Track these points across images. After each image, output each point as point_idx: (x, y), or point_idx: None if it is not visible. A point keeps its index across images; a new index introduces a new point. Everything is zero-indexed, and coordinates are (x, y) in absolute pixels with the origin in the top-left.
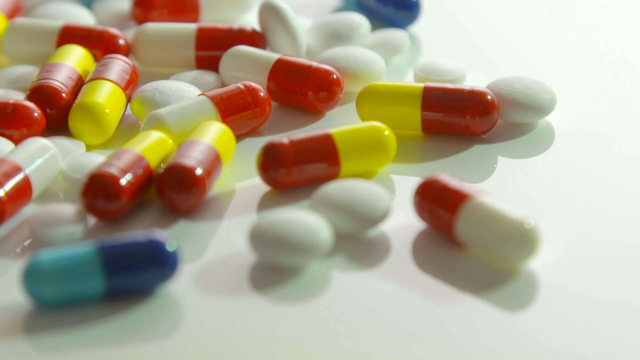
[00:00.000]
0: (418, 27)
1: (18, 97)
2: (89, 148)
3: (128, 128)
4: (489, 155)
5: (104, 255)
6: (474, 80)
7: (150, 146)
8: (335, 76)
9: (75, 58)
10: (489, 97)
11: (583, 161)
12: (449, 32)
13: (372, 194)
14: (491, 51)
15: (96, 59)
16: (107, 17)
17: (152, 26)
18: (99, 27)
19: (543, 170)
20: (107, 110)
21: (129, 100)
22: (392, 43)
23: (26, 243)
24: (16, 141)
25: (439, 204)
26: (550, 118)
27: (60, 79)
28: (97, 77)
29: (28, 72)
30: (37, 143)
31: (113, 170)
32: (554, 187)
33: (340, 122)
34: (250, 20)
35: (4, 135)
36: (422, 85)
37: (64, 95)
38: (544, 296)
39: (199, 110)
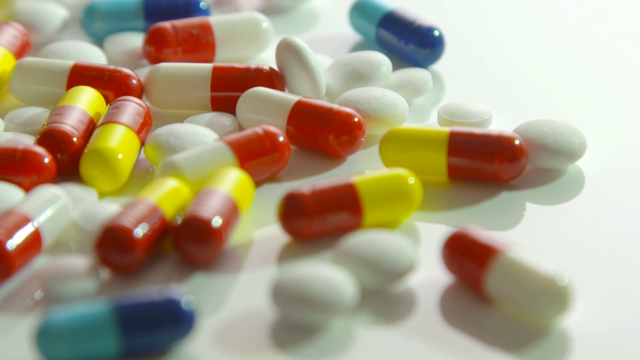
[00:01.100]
0: (440, 65)
1: (27, 141)
2: (102, 195)
3: (142, 173)
4: (517, 202)
5: (119, 315)
6: (501, 122)
7: (166, 195)
8: (356, 119)
9: (87, 100)
10: (518, 142)
11: (615, 208)
12: (472, 71)
13: (397, 248)
14: (517, 90)
15: (108, 100)
16: (118, 54)
17: (165, 66)
18: (111, 67)
19: (573, 218)
20: (120, 156)
21: (142, 144)
22: (414, 83)
23: (37, 297)
24: (26, 188)
25: (468, 258)
26: (580, 163)
27: (71, 123)
28: (110, 120)
29: (37, 114)
30: (48, 192)
31: (127, 222)
32: (586, 236)
33: (362, 167)
34: (267, 59)
35: (13, 182)
36: (447, 130)
37: (75, 139)
38: (577, 356)
39: (215, 157)
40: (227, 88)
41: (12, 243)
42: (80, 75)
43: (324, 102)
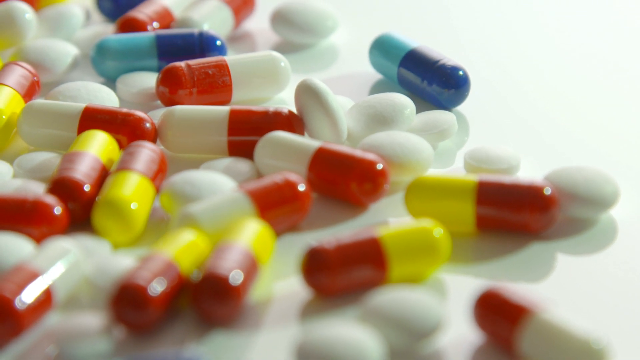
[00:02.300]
0: (465, 106)
1: (37, 189)
2: (115, 246)
3: (157, 223)
4: (548, 253)
5: None
6: (529, 168)
7: (182, 249)
8: (380, 167)
9: (99, 146)
10: (549, 191)
11: None
12: (498, 112)
13: (424, 305)
14: (545, 134)
15: (121, 145)
16: (131, 95)
17: (181, 109)
18: (124, 110)
19: (606, 270)
20: (134, 206)
21: (157, 191)
22: (439, 127)
23: (49, 357)
24: (36, 239)
25: (501, 317)
26: (612, 211)
27: (83, 170)
28: (123, 167)
29: (48, 160)
30: (59, 246)
31: (142, 280)
32: (619, 290)
33: (386, 215)
34: (286, 99)
35: (22, 233)
36: (475, 178)
37: (86, 188)
38: None
39: (234, 207)
40: (245, 132)
41: (22, 301)
42: (92, 118)
43: (346, 147)
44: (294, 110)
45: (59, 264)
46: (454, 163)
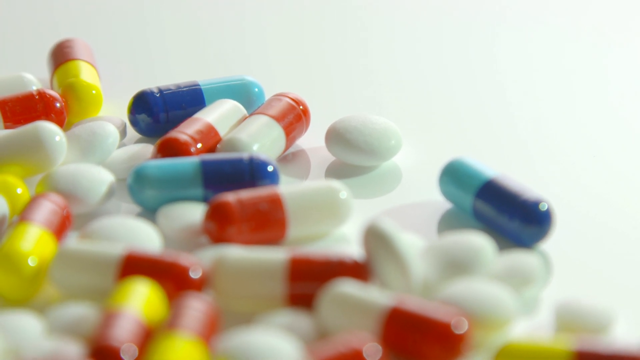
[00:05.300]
0: (549, 243)
1: (74, 352)
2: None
3: None
4: None
5: None
6: (629, 325)
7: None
8: (461, 330)
9: (141, 301)
10: None
11: None
12: (585, 250)
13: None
14: None
15: (167, 294)
16: (174, 231)
17: (234, 256)
18: (168, 258)
19: None
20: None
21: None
22: (522, 273)
23: None
24: None
25: None
26: None
27: (124, 335)
28: (171, 326)
29: (84, 316)
30: None
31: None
32: None
33: None
34: (346, 234)
35: None
36: (573, 348)
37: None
38: None
39: None
40: (308, 284)
41: None
42: (133, 266)
43: (422, 304)
44: (360, 252)
45: None
46: (539, 317)
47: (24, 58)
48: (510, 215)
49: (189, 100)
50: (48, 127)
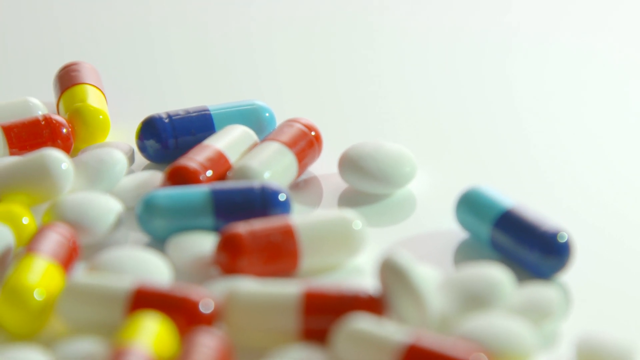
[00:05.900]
0: (569, 274)
1: None
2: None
3: None
4: None
5: None
6: None
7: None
8: None
9: (150, 336)
10: None
11: None
12: (604, 281)
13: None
14: None
15: (178, 329)
16: (184, 262)
17: (247, 290)
18: (178, 292)
19: None
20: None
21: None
22: (541, 306)
23: None
24: None
25: None
26: None
27: None
28: None
29: (92, 352)
30: None
31: None
32: None
33: None
34: (360, 265)
35: None
36: None
37: None
38: None
39: None
40: (322, 318)
41: None
42: (142, 300)
43: (438, 340)
44: (375, 284)
45: None
46: (559, 351)
47: (30, 82)
48: (530, 246)
49: (199, 125)
50: (54, 155)
